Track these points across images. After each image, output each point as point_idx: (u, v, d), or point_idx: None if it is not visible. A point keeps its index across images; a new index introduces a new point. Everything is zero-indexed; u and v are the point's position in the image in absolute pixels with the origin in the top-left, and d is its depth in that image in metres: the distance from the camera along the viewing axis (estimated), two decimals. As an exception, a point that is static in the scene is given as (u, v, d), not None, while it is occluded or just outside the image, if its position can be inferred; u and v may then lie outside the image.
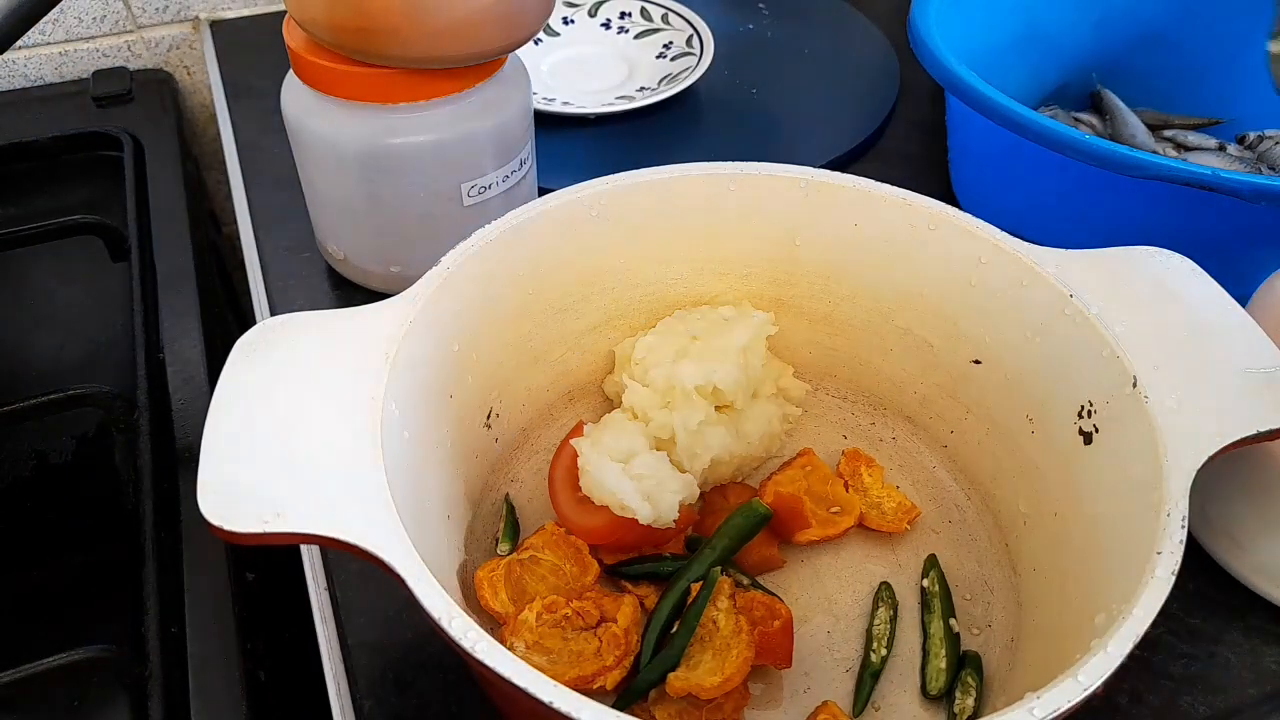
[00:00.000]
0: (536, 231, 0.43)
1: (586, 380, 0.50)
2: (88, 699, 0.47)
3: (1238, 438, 0.34)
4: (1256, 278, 0.49)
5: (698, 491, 0.44)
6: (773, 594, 0.42)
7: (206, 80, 0.79)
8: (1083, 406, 0.39)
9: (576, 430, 0.47)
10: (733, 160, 0.45)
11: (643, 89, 0.73)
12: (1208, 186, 0.45)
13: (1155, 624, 0.29)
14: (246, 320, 0.59)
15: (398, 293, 0.38)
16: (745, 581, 0.43)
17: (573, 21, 0.80)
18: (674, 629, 0.39)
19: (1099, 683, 0.28)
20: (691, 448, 0.44)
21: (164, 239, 0.64)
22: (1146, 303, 0.39)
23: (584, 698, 0.27)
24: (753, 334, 0.46)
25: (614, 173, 0.44)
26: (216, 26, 0.81)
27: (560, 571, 0.42)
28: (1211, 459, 0.34)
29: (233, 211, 0.65)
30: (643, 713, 0.38)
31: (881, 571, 0.45)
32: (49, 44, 0.78)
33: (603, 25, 0.79)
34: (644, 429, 0.44)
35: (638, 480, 0.41)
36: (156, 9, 0.79)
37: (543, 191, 0.52)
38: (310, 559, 0.45)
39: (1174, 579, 0.30)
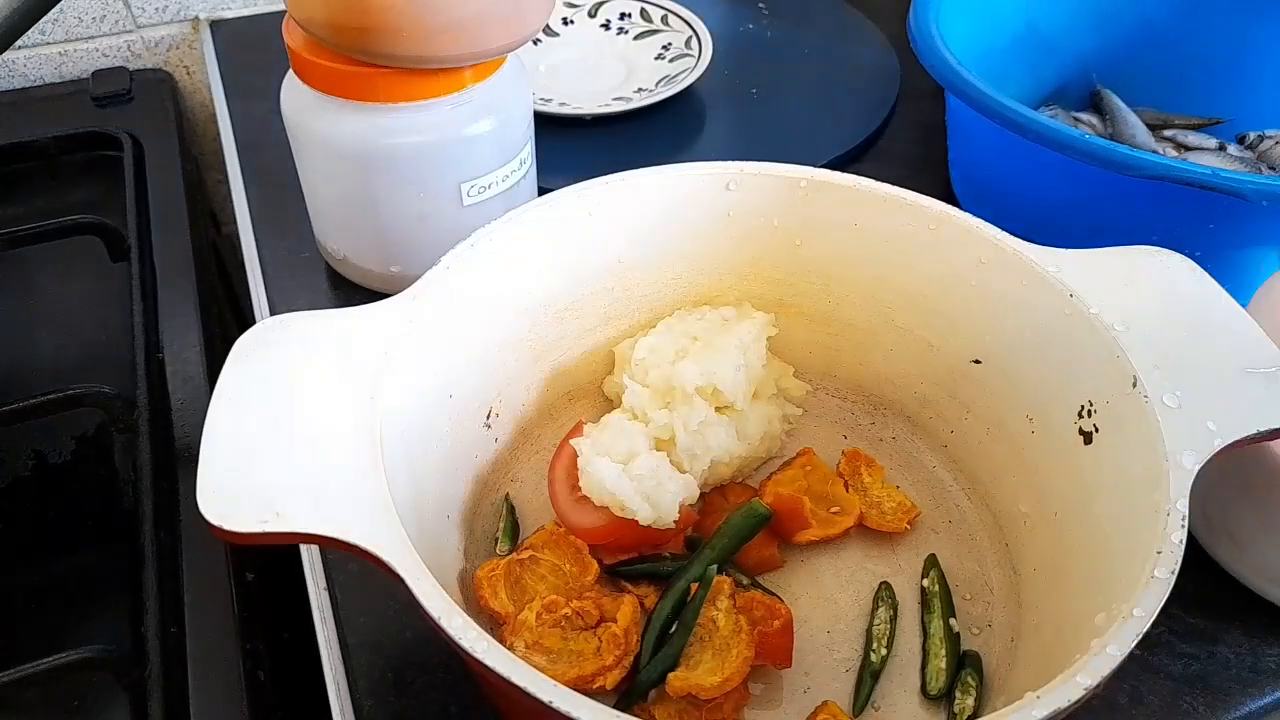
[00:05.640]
0: (536, 231, 0.43)
1: (586, 380, 0.50)
2: (88, 699, 0.47)
3: (1238, 438, 0.34)
4: (1256, 278, 0.49)
5: (698, 492, 0.44)
6: (773, 594, 0.42)
7: (206, 80, 0.79)
8: (1083, 406, 0.39)
9: (576, 430, 0.47)
10: (733, 160, 0.45)
11: (640, 90, 0.73)
12: (1208, 186, 0.45)
13: (1155, 624, 0.29)
14: (246, 320, 0.59)
15: (397, 292, 0.38)
16: (745, 581, 0.43)
17: (572, 22, 0.80)
18: (673, 629, 0.39)
19: (1099, 682, 0.28)
20: (691, 448, 0.44)
21: (163, 239, 0.64)
22: (1146, 303, 0.39)
23: (583, 697, 0.27)
24: (753, 334, 0.46)
25: (614, 172, 0.44)
26: (216, 26, 0.81)
27: (560, 571, 0.42)
28: (1211, 459, 0.34)
29: (232, 211, 0.65)
30: (643, 713, 0.38)
31: (881, 571, 0.45)
32: (49, 44, 0.78)
33: (602, 26, 0.79)
34: (644, 429, 0.44)
35: (637, 481, 0.41)
36: (156, 9, 0.79)
37: (543, 191, 0.52)
38: (310, 559, 0.45)
39: (1174, 579, 0.30)
